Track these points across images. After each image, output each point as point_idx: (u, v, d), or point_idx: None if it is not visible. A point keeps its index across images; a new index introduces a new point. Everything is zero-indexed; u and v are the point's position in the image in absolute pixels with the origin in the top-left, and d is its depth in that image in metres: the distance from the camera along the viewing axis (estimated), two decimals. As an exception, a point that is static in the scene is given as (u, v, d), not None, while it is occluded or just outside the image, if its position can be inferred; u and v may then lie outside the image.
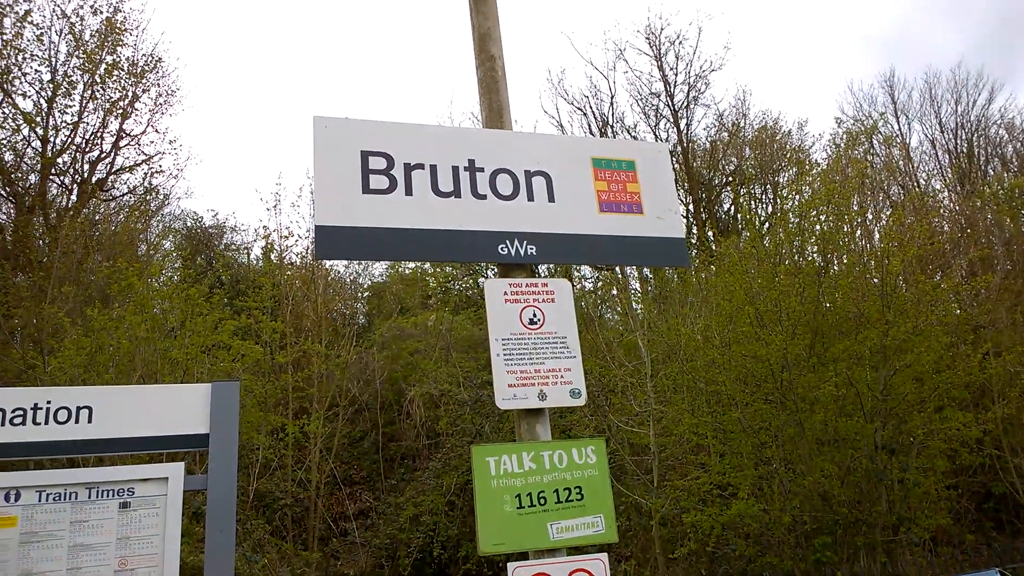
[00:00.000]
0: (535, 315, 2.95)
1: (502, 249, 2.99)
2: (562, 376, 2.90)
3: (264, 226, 16.27)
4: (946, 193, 21.49)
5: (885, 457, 8.41)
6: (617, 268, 22.96)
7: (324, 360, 13.84)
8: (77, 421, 3.92)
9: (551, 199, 3.16)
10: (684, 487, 9.65)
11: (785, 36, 43.01)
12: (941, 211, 18.52)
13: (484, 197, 3.06)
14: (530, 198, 3.13)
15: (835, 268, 11.02)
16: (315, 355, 13.76)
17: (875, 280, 9.98)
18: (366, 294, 23.26)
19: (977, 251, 14.66)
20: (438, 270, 23.33)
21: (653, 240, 3.24)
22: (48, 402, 3.90)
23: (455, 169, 3.06)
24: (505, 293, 2.95)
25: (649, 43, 26.17)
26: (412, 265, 23.57)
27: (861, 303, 9.34)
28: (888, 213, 16.12)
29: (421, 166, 3.02)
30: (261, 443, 11.51)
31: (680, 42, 25.83)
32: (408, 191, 2.97)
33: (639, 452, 11.25)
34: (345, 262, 20.16)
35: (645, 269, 23.24)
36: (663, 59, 26.17)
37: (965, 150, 24.55)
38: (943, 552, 9.60)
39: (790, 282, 9.54)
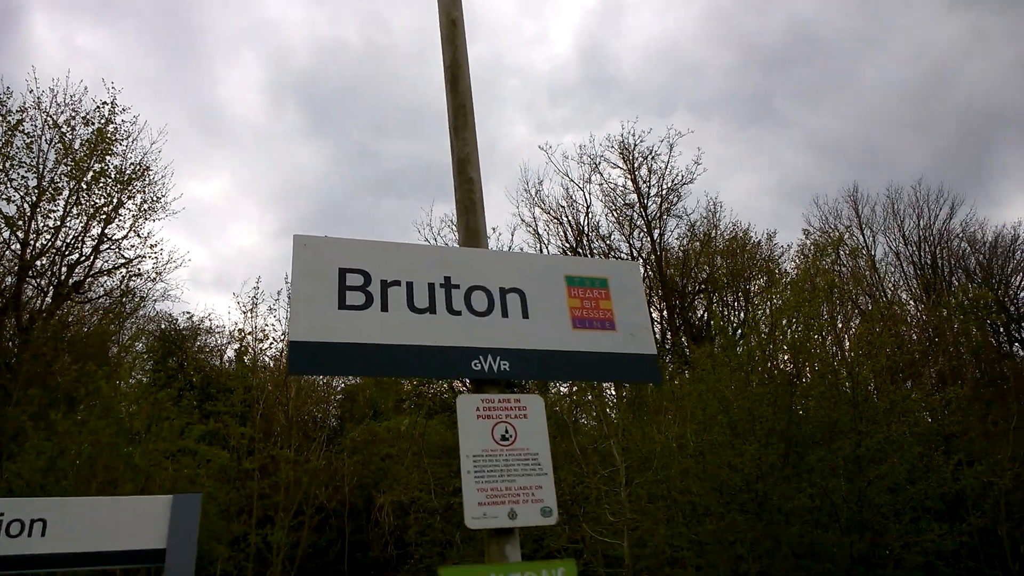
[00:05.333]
0: (507, 431, 2.96)
1: (475, 365, 3.04)
2: (533, 494, 2.88)
3: (240, 328, 16.11)
4: (913, 303, 22.16)
5: (862, 571, 8.25)
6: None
7: (292, 466, 13.44)
8: (30, 534, 3.77)
9: (525, 315, 3.24)
10: (661, 604, 9.31)
11: (752, 151, 45.36)
12: (909, 320, 19.04)
13: (459, 313, 3.14)
14: (504, 315, 3.21)
15: (807, 376, 11.17)
16: (283, 461, 13.36)
17: (847, 388, 10.12)
18: (339, 397, 22.92)
19: (946, 360, 14.98)
20: (412, 374, 23.12)
21: (625, 356, 3.31)
22: (1, 514, 3.76)
23: (431, 286, 3.15)
24: (477, 408, 2.97)
25: (623, 157, 27.43)
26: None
27: (833, 412, 9.43)
28: (857, 322, 16.54)
29: (398, 283, 3.10)
30: (221, 554, 10.96)
31: (653, 157, 27.08)
32: (384, 307, 3.04)
33: (613, 564, 10.90)
34: (320, 364, 19.93)
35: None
36: (636, 172, 27.37)
37: (929, 262, 25.53)
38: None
39: (762, 390, 9.65)
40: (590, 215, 27.66)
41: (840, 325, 15.54)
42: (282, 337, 15.93)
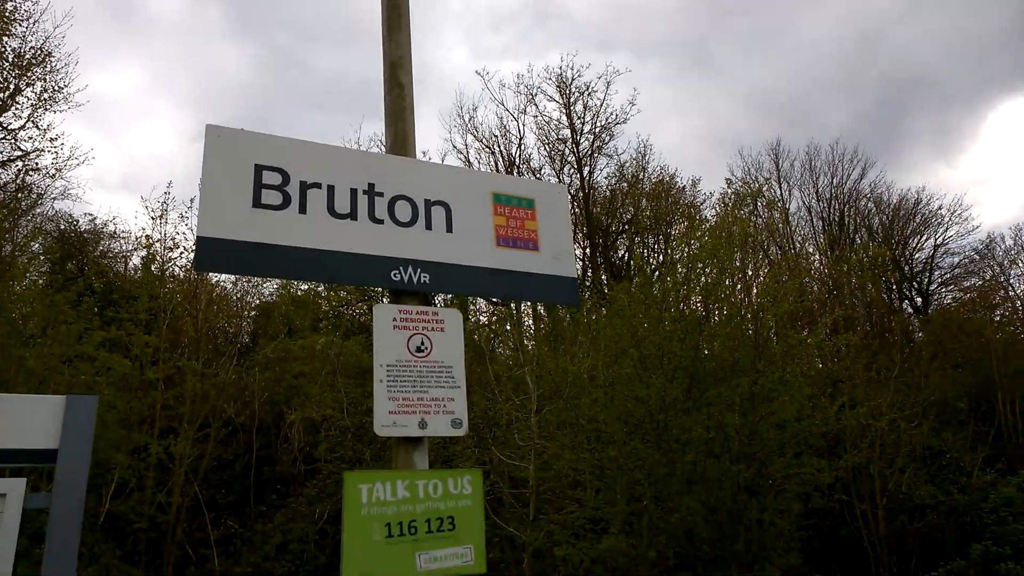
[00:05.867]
0: (423, 343, 2.95)
1: (395, 275, 2.99)
2: (444, 406, 2.91)
3: (147, 235, 15.28)
4: (818, 257, 23.34)
5: (746, 498, 8.90)
6: (512, 305, 23.24)
7: (200, 379, 13.11)
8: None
9: (449, 230, 3.19)
10: (559, 521, 9.79)
11: (686, 97, 45.76)
12: (812, 273, 20.08)
13: (381, 222, 3.06)
14: (428, 227, 3.15)
15: (715, 318, 11.67)
16: (190, 372, 13.01)
17: (750, 331, 10.65)
18: (253, 313, 22.32)
19: (841, 311, 15.95)
20: (332, 294, 22.77)
21: (547, 278, 3.33)
22: None
23: (354, 191, 3.04)
24: (394, 319, 2.94)
25: (560, 91, 27.11)
26: (305, 287, 22.88)
27: (736, 352, 9.92)
28: (766, 271, 17.30)
29: (318, 185, 2.98)
30: (120, 462, 10.70)
31: (589, 93, 26.87)
32: (302, 209, 2.92)
33: (518, 485, 11.33)
34: (233, 278, 19.30)
35: (539, 307, 23.63)
36: (572, 107, 27.15)
37: (837, 219, 26.82)
38: (794, 591, 10.18)
39: (673, 328, 10.02)
40: (523, 147, 27.43)
41: (750, 272, 16.23)
42: (193, 248, 15.25)
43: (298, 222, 2.90)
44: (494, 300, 24.35)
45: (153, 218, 14.78)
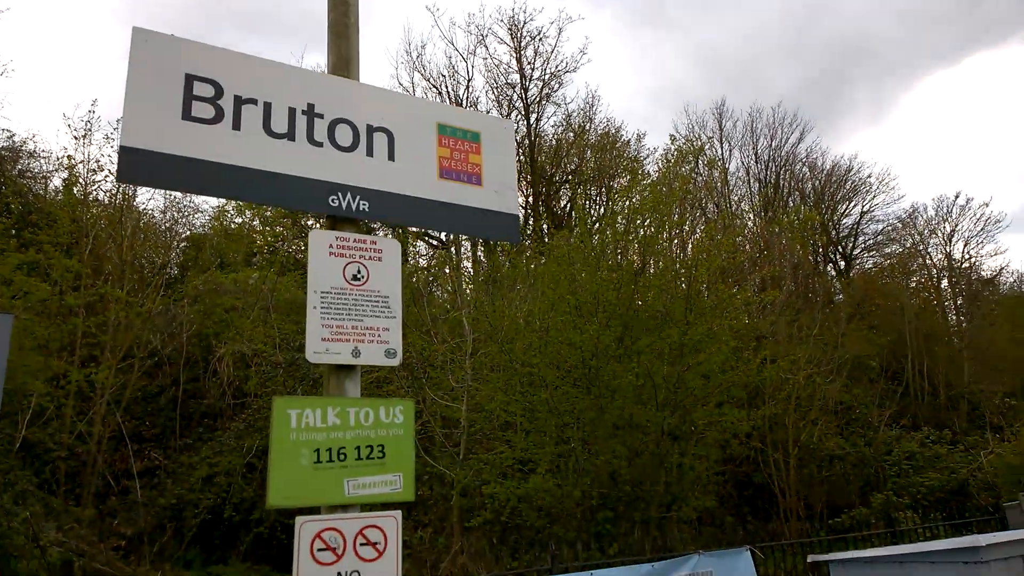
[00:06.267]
0: (359, 271, 2.90)
1: (333, 201, 2.91)
2: (379, 335, 2.89)
3: (69, 156, 14.40)
4: (752, 216, 23.97)
5: (669, 443, 9.29)
6: (451, 249, 23.12)
7: (124, 307, 12.63)
8: None
9: (391, 158, 3.11)
10: (488, 460, 10.02)
11: (637, 51, 45.50)
12: (746, 232, 20.65)
13: (320, 145, 2.95)
14: (369, 153, 3.06)
15: (651, 270, 11.92)
16: (114, 300, 12.51)
17: (682, 285, 10.94)
18: (182, 245, 21.49)
19: (770, 270, 16.53)
20: (267, 228, 22.13)
21: (489, 213, 3.30)
22: None
23: (292, 111, 2.92)
24: (330, 246, 2.88)
25: (511, 34, 26.56)
26: (239, 220, 22.16)
27: (668, 304, 10.20)
28: (702, 228, 17.71)
29: (254, 101, 2.85)
30: (37, 389, 10.30)
31: (540, 39, 26.42)
32: (236, 125, 2.78)
33: (450, 426, 11.49)
34: (162, 207, 18.49)
35: (479, 252, 23.59)
36: (522, 52, 26.67)
37: (773, 181, 27.51)
38: (706, 530, 10.78)
39: (610, 278, 10.20)
40: (471, 89, 26.90)
41: (687, 228, 16.59)
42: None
43: (231, 139, 2.77)
44: (433, 244, 24.20)
45: (76, 138, 13.93)
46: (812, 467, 13.09)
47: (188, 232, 21.60)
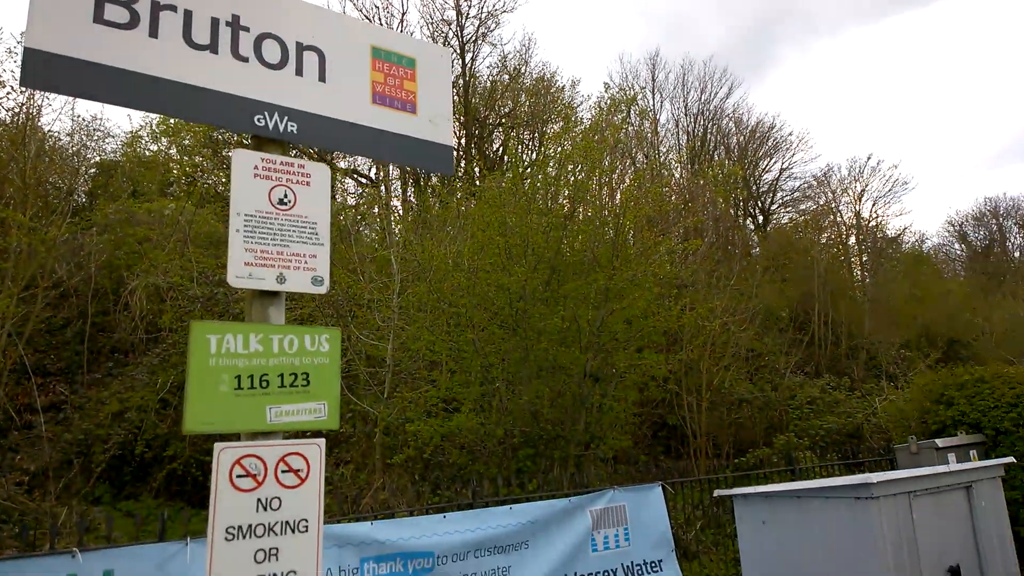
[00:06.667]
0: (286, 195, 2.81)
1: (259, 120, 2.78)
2: (306, 262, 2.82)
3: (-39, 70, 13.16)
4: (679, 168, 24.43)
5: (590, 384, 9.57)
6: (381, 187, 22.63)
7: (27, 233, 11.82)
8: None
9: (322, 79, 2.99)
10: (412, 399, 10.09)
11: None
12: (672, 183, 21.06)
13: (246, 60, 2.80)
14: (299, 73, 2.93)
15: (580, 216, 12.04)
16: (15, 226, 11.68)
17: (610, 232, 11.12)
18: (92, 171, 20.16)
19: (693, 221, 16.98)
20: (185, 158, 21.02)
21: (422, 143, 3.22)
22: None
23: (215, 21, 2.75)
24: (256, 167, 2.76)
25: (448, -34, 25.57)
26: (154, 147, 20.96)
27: (596, 249, 10.36)
28: (630, 176, 17.90)
29: (172, 8, 2.66)
30: (-74, 317, 9.63)
31: (479, -27, 25.55)
32: (153, 33, 2.60)
33: (375, 365, 11.47)
34: (68, 129, 17.21)
35: (409, 191, 23.19)
36: (460, -14, 25.80)
37: (700, 134, 28.03)
38: (621, 468, 11.27)
39: (540, 222, 10.24)
40: (405, 23, 25.93)
41: (616, 176, 16.76)
42: (23, 89, 13.31)
43: (148, 47, 2.59)
44: (362, 181, 23.60)
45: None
46: (722, 410, 13.79)
47: (98, 158, 20.30)
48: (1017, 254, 34.80)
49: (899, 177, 26.19)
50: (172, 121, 20.28)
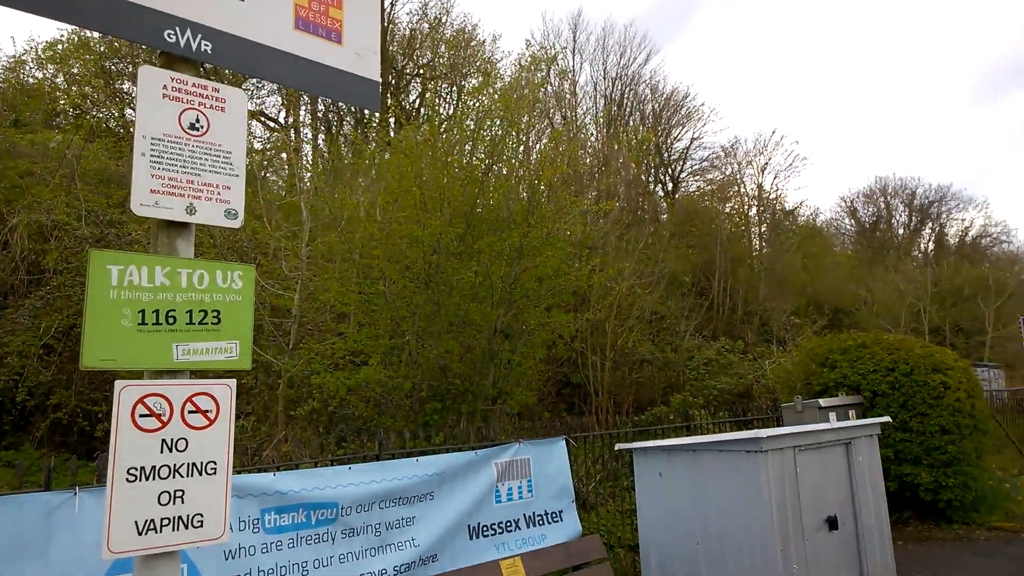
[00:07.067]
0: (198, 120, 2.62)
1: (169, 35, 2.56)
2: (219, 193, 2.65)
3: None
4: (595, 131, 24.66)
5: (500, 340, 9.66)
6: (291, 131, 21.67)
7: None
8: None
9: (239, -2, 2.79)
10: (319, 351, 9.87)
11: (497, -55, 43.74)
12: (588, 145, 21.27)
13: (154, -32, 2.57)
14: (213, -11, 2.72)
15: (496, 172, 11.98)
16: None
17: (525, 191, 11.14)
18: (-31, 97, 18.20)
19: (607, 185, 17.27)
20: (74, 88, 19.32)
21: (348, 75, 3.06)
22: None
23: (120, -79, 2.50)
24: (165, 87, 2.55)
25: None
26: (39, 74, 19.13)
27: (511, 206, 10.36)
28: (548, 135, 17.96)
29: (72, -99, 2.40)
30: None
31: (400, -89, 24.46)
32: (51, -73, 2.34)
33: (280, 315, 11.12)
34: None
35: (320, 139, 22.34)
36: (379, -77, 24.68)
37: (617, 99, 28.35)
38: (525, 424, 11.50)
39: (457, 175, 10.12)
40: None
41: (534, 135, 16.75)
42: None
43: (43, -57, 2.33)
44: (271, 125, 22.51)
45: None
46: (624, 369, 14.30)
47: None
48: (901, 231, 37.59)
49: (799, 153, 27.59)
50: (60, 47, 18.61)
